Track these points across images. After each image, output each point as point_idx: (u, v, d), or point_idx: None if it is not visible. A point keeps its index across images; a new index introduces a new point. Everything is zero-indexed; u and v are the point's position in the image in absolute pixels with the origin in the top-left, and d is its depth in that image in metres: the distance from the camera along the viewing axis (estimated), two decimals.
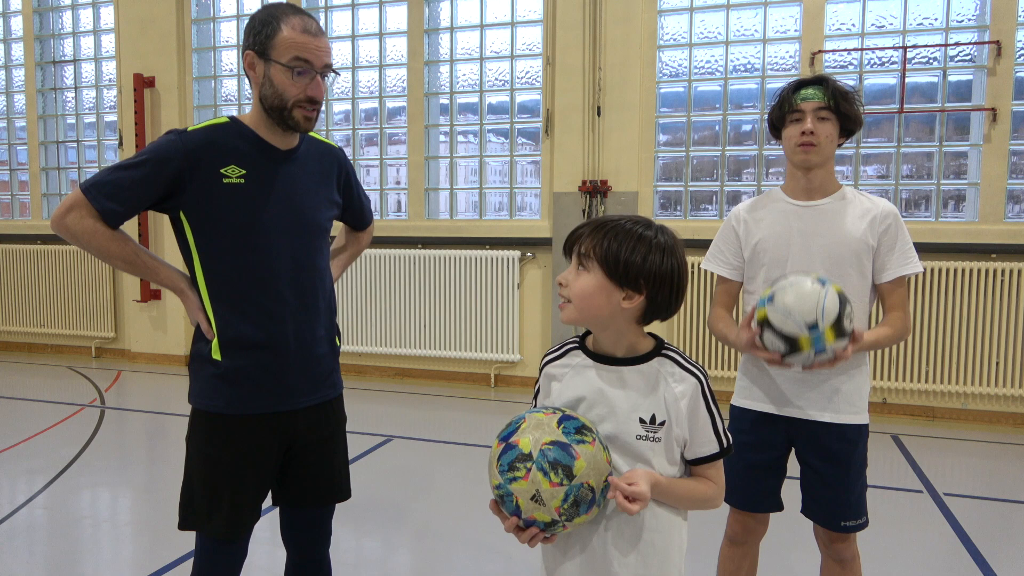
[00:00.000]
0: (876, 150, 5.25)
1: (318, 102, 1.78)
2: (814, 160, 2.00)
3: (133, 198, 1.71)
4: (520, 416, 1.32)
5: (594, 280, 1.34)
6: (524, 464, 1.24)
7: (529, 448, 1.25)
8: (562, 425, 1.28)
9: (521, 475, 1.24)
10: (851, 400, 2.02)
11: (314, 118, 1.79)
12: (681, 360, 1.40)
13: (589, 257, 1.34)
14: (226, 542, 1.82)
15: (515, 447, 1.26)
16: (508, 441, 1.28)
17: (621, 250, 1.32)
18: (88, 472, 4.01)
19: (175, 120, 6.63)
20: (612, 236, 1.33)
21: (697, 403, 1.38)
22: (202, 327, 1.80)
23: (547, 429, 1.27)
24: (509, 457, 1.26)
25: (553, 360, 1.47)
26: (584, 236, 1.36)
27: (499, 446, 1.30)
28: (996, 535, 3.27)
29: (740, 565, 2.23)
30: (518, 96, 5.97)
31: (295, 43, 1.72)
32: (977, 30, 4.97)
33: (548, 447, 1.24)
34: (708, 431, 1.39)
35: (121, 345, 7.11)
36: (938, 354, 4.97)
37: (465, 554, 3.10)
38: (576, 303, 1.36)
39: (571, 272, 1.38)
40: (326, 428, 1.94)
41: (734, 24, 5.40)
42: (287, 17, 1.74)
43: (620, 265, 1.32)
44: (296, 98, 1.74)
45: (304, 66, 1.73)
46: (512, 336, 5.85)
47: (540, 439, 1.25)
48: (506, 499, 1.27)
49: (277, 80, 1.74)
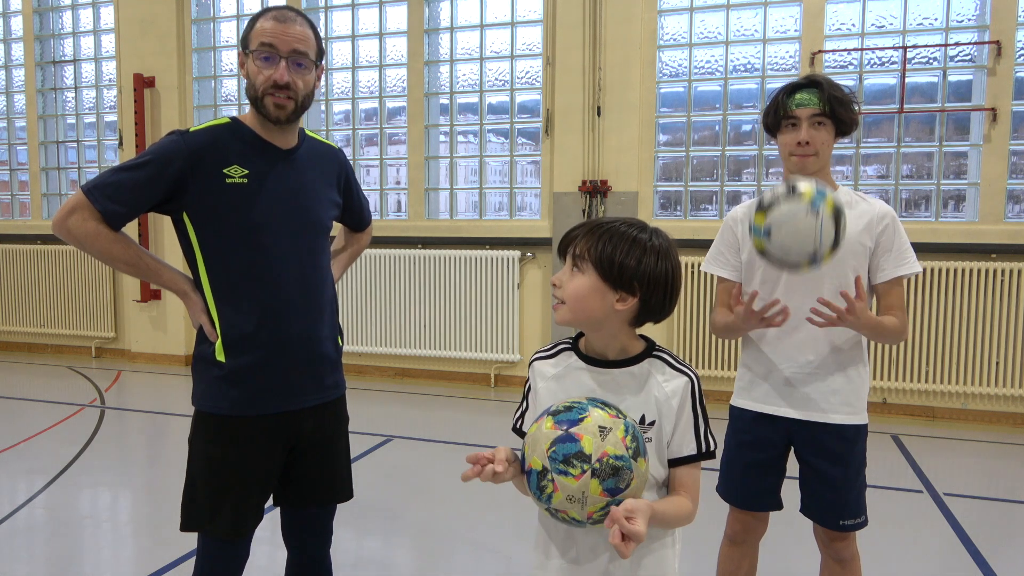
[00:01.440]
0: (876, 150, 5.25)
1: (285, 87, 1.74)
2: (811, 168, 1.99)
3: (136, 199, 1.71)
4: (583, 405, 1.27)
5: (588, 282, 1.34)
6: (582, 465, 1.21)
7: (591, 451, 1.21)
8: (628, 436, 1.24)
9: (575, 474, 1.21)
10: (850, 401, 2.02)
11: (287, 107, 1.76)
12: (672, 361, 1.41)
13: (584, 259, 1.34)
14: (229, 543, 1.82)
15: (576, 442, 1.22)
16: (569, 432, 1.23)
17: (616, 252, 1.32)
18: (88, 472, 4.01)
19: (175, 120, 6.64)
20: (607, 238, 1.33)
21: (685, 402, 1.38)
22: (205, 329, 1.80)
23: (613, 439, 1.23)
24: (567, 449, 1.22)
25: (544, 359, 1.47)
26: (579, 238, 1.37)
27: (553, 428, 1.25)
28: (996, 535, 3.28)
29: (740, 564, 2.23)
30: (518, 96, 5.97)
31: (263, 30, 1.74)
32: (977, 30, 4.97)
33: (610, 459, 1.22)
34: (690, 431, 1.38)
35: (121, 345, 7.11)
36: (938, 354, 4.97)
37: (465, 554, 3.10)
38: (570, 304, 1.36)
39: (565, 273, 1.38)
40: (329, 428, 1.94)
41: (734, 24, 5.40)
42: (266, 13, 1.77)
43: (614, 267, 1.32)
44: (264, 85, 1.74)
45: (268, 51, 1.73)
46: (512, 336, 5.85)
47: (603, 448, 1.22)
48: (540, 481, 1.24)
49: (250, 70, 1.76)
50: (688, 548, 1.45)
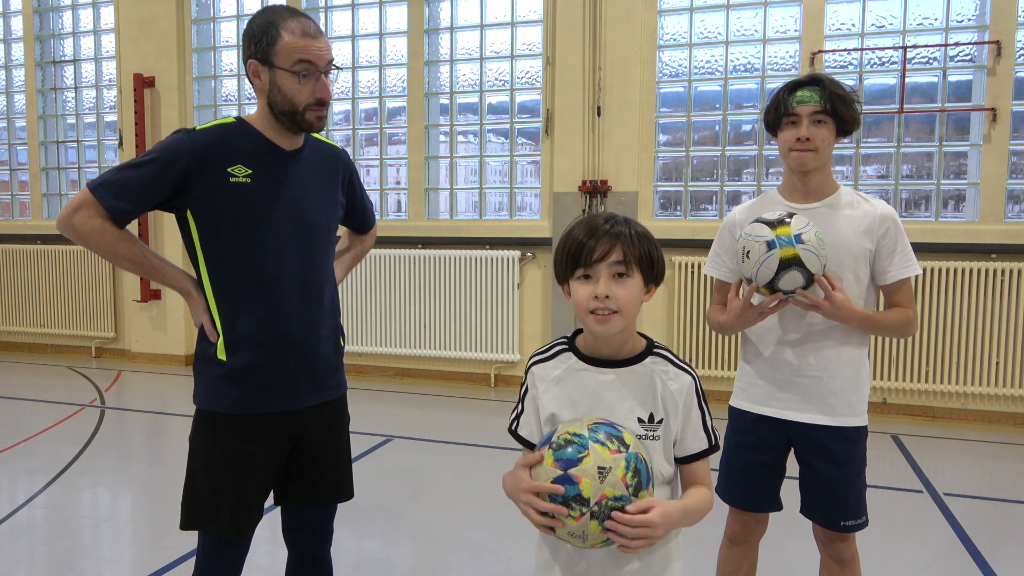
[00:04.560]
0: (876, 150, 5.25)
1: (327, 103, 1.80)
2: (811, 165, 1.99)
3: (141, 197, 1.72)
4: (583, 441, 1.25)
5: (636, 284, 1.36)
6: (580, 508, 1.21)
7: (589, 494, 1.21)
8: (628, 473, 1.23)
9: (574, 515, 1.22)
10: (850, 402, 2.01)
11: (325, 116, 1.83)
12: (674, 359, 1.43)
13: (629, 264, 1.35)
14: (228, 542, 1.82)
15: (575, 484, 1.21)
16: (568, 473, 1.22)
17: (652, 250, 1.37)
18: (88, 472, 4.01)
19: (175, 120, 6.64)
20: (639, 239, 1.36)
21: (692, 400, 1.40)
22: (206, 329, 1.80)
23: (612, 480, 1.22)
24: (566, 494, 1.22)
25: (542, 361, 1.47)
26: (609, 246, 1.34)
27: (553, 466, 1.24)
28: (996, 535, 3.28)
29: (740, 565, 2.23)
30: (518, 96, 5.97)
31: (296, 47, 1.73)
32: (977, 30, 4.97)
33: (609, 501, 1.21)
34: (699, 428, 1.41)
35: (121, 345, 7.11)
36: (938, 354, 4.97)
37: (465, 554, 3.10)
38: (625, 312, 1.35)
39: (608, 283, 1.34)
40: (330, 428, 1.94)
41: (734, 24, 5.40)
42: (285, 22, 1.74)
43: (654, 265, 1.38)
44: (307, 102, 1.76)
45: (308, 68, 1.74)
46: (512, 336, 5.85)
47: (602, 490, 1.21)
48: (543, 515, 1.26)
49: (285, 86, 1.75)
50: (688, 548, 1.45)
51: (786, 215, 1.88)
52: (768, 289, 1.89)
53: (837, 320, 1.93)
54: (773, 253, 1.83)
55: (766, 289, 1.89)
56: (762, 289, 1.90)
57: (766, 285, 1.87)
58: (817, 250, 1.84)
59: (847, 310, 1.90)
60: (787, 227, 1.84)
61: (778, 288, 1.87)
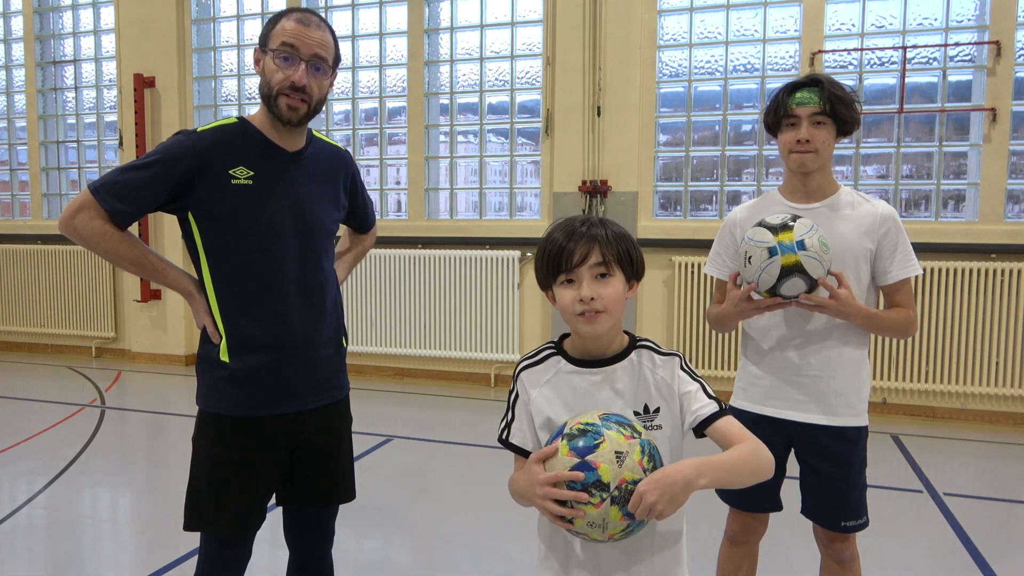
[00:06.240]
0: (876, 150, 5.25)
1: (302, 90, 1.73)
2: (811, 166, 1.99)
3: (143, 198, 1.71)
4: (597, 428, 1.26)
5: (619, 283, 1.38)
6: (600, 494, 1.21)
7: (609, 479, 1.21)
8: (644, 457, 1.23)
9: (595, 502, 1.21)
10: (851, 402, 2.02)
11: (300, 110, 1.75)
12: (657, 348, 1.45)
13: (610, 264, 1.37)
14: (230, 543, 1.82)
15: (594, 471, 1.22)
16: (586, 460, 1.23)
17: (629, 248, 1.40)
18: (88, 472, 4.01)
19: (175, 120, 6.64)
20: (617, 239, 1.39)
21: (682, 378, 1.42)
22: (208, 330, 1.80)
23: (630, 464, 1.22)
24: (585, 480, 1.22)
25: (531, 366, 1.47)
26: (587, 248, 1.36)
27: (569, 455, 1.24)
28: (996, 535, 3.28)
29: (740, 565, 2.24)
30: (518, 96, 5.97)
31: (286, 31, 1.73)
32: (977, 30, 4.97)
33: (629, 485, 1.21)
34: (701, 396, 1.40)
35: (121, 345, 7.11)
36: (938, 354, 4.97)
37: (465, 554, 3.10)
38: (611, 310, 1.37)
39: (591, 284, 1.36)
40: (333, 429, 1.94)
41: (734, 24, 5.40)
42: (290, 13, 1.76)
43: (634, 262, 1.40)
44: (280, 84, 1.73)
45: (289, 51, 1.72)
46: (512, 336, 5.85)
47: (621, 474, 1.21)
48: (561, 506, 1.24)
49: (267, 69, 1.75)
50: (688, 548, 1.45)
51: (790, 219, 1.87)
52: (770, 294, 1.90)
53: (842, 318, 1.93)
54: (774, 260, 1.83)
55: (768, 294, 1.90)
56: (764, 293, 1.91)
57: (768, 290, 1.88)
58: (820, 255, 1.82)
59: (852, 307, 1.90)
60: (789, 232, 1.83)
61: (779, 293, 1.87)
